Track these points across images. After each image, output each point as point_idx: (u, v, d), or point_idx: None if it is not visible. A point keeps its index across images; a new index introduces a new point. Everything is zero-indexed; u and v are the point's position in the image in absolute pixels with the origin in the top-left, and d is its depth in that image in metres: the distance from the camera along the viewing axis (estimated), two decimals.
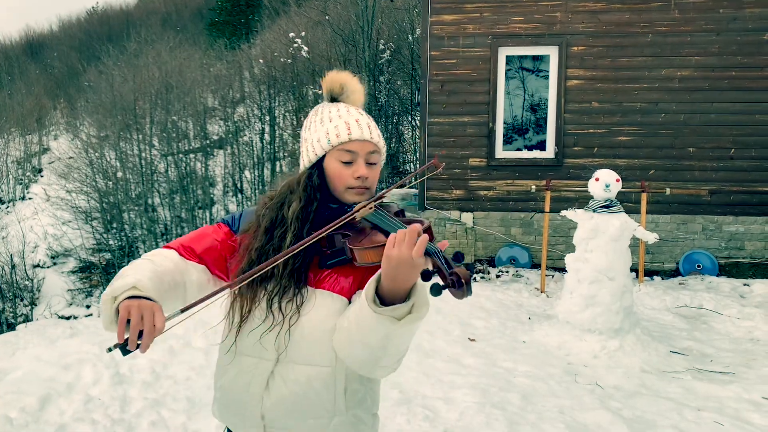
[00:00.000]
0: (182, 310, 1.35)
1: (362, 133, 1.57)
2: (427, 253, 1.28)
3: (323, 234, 1.46)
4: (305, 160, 1.63)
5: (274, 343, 1.51)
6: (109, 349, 1.27)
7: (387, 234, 1.41)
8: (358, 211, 1.49)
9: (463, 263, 1.26)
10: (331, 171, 1.58)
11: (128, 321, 1.28)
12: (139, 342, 1.26)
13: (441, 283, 1.23)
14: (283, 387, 1.50)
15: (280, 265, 1.50)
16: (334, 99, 1.67)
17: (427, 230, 1.39)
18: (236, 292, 1.55)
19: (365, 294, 1.34)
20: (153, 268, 1.46)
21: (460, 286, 1.19)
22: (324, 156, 1.59)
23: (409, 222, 1.46)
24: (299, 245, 1.44)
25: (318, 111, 1.67)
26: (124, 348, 1.25)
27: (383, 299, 1.34)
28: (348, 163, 1.57)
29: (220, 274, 1.62)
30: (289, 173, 1.69)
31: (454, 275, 1.21)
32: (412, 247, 1.25)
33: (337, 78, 1.67)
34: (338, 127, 1.57)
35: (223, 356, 1.61)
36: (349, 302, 1.53)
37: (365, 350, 1.39)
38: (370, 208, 1.53)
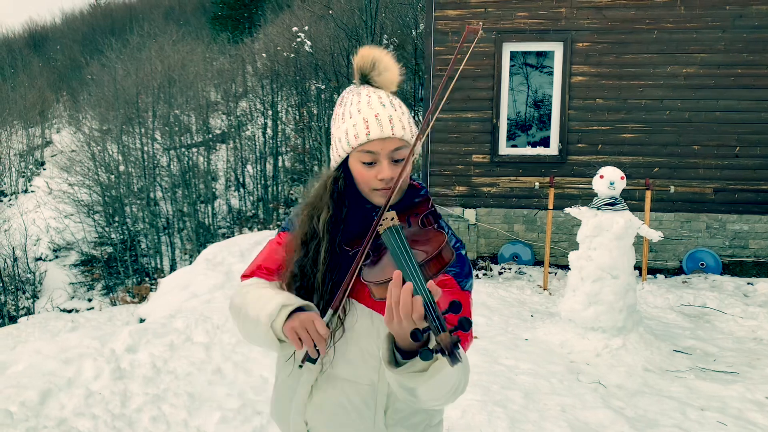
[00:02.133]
0: (333, 310, 1.39)
1: (382, 130, 1.41)
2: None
3: (359, 266, 1.37)
4: (332, 160, 1.54)
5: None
6: (300, 366, 1.40)
7: (394, 266, 1.27)
8: (380, 223, 1.38)
9: (460, 317, 1.10)
10: (355, 173, 1.48)
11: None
12: (317, 348, 1.35)
13: (430, 346, 1.10)
14: (325, 398, 1.50)
15: (320, 280, 1.46)
16: (364, 78, 1.51)
17: (440, 252, 1.25)
18: None
19: (381, 355, 1.26)
20: (270, 288, 1.51)
21: (444, 355, 1.06)
22: (348, 156, 1.49)
23: (427, 240, 1.32)
24: (347, 281, 1.37)
25: (344, 101, 1.53)
26: (311, 358, 1.36)
27: (403, 350, 1.24)
28: (370, 164, 1.44)
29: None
30: (323, 172, 1.58)
31: (439, 343, 1.07)
32: (409, 319, 1.14)
33: (368, 54, 1.50)
34: (356, 126, 1.43)
35: (281, 361, 1.62)
36: None
37: (411, 400, 1.31)
38: (393, 219, 1.38)
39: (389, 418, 1.49)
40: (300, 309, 1.40)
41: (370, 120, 1.43)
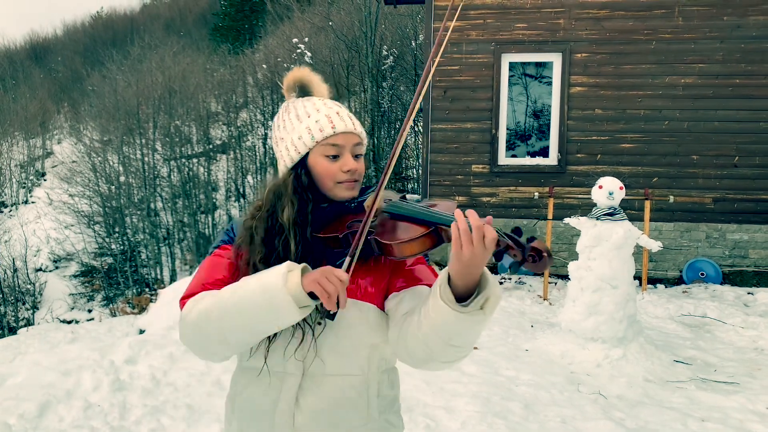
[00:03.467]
0: (351, 257, 1.36)
1: (346, 125, 1.50)
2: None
3: (363, 236, 1.37)
4: (286, 161, 1.54)
5: (299, 355, 1.45)
6: (318, 323, 1.40)
7: (421, 222, 1.35)
8: (374, 204, 1.40)
9: (526, 236, 1.21)
10: (319, 168, 1.50)
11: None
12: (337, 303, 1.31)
13: (516, 259, 1.19)
14: (318, 400, 1.45)
15: None
16: (304, 91, 1.61)
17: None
18: None
19: (443, 297, 1.25)
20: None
21: (541, 259, 1.17)
22: (307, 154, 1.51)
23: (433, 205, 1.39)
24: (355, 242, 1.37)
25: (289, 108, 1.58)
26: (329, 314, 1.33)
27: (455, 295, 1.27)
28: (335, 157, 1.50)
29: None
30: (271, 179, 1.60)
31: (533, 251, 1.17)
32: (482, 242, 1.20)
33: (304, 72, 1.61)
34: (320, 122, 1.50)
35: (243, 376, 1.54)
36: (379, 308, 1.48)
37: (446, 348, 1.31)
38: (381, 200, 1.46)
39: (379, 404, 1.51)
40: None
41: (332, 116, 1.51)
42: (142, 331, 7.54)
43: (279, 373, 1.47)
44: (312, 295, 1.31)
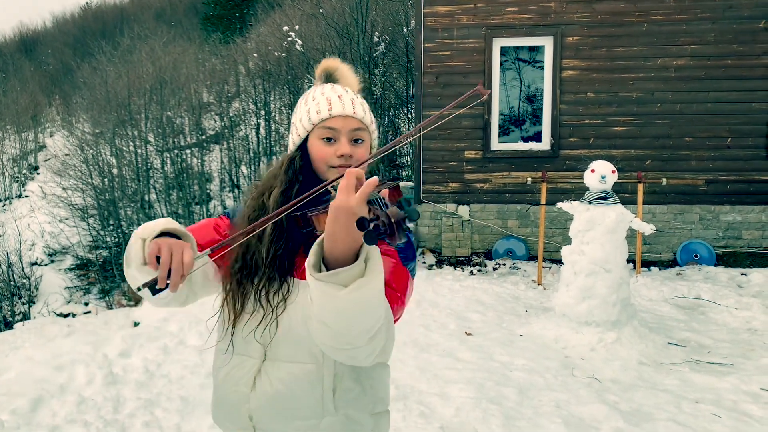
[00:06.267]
0: (212, 249, 1.30)
1: (344, 108, 1.50)
2: (369, 202, 1.11)
3: (286, 210, 1.30)
4: (291, 144, 1.60)
5: (259, 339, 1.46)
6: (139, 288, 1.26)
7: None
8: (331, 183, 1.34)
9: (407, 207, 1.05)
10: (314, 151, 1.52)
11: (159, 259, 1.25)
12: (168, 281, 1.23)
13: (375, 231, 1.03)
14: (269, 386, 1.45)
15: (264, 253, 1.44)
16: (329, 77, 1.63)
17: (394, 188, 1.22)
18: (227, 289, 1.51)
19: (307, 260, 1.16)
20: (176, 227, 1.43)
21: (391, 231, 1.01)
22: (308, 136, 1.54)
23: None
24: (261, 221, 1.32)
25: (306, 93, 1.61)
26: (153, 287, 1.23)
27: (331, 267, 1.16)
28: (330, 141, 1.50)
29: (220, 262, 1.54)
30: (276, 161, 1.63)
31: (384, 218, 1.02)
32: (353, 193, 1.09)
33: (332, 61, 1.64)
34: (319, 104, 1.51)
35: (218, 357, 1.57)
36: None
37: (324, 329, 1.21)
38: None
39: (338, 399, 1.45)
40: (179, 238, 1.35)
41: (333, 99, 1.51)
42: (137, 324, 7.52)
43: (243, 355, 1.49)
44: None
